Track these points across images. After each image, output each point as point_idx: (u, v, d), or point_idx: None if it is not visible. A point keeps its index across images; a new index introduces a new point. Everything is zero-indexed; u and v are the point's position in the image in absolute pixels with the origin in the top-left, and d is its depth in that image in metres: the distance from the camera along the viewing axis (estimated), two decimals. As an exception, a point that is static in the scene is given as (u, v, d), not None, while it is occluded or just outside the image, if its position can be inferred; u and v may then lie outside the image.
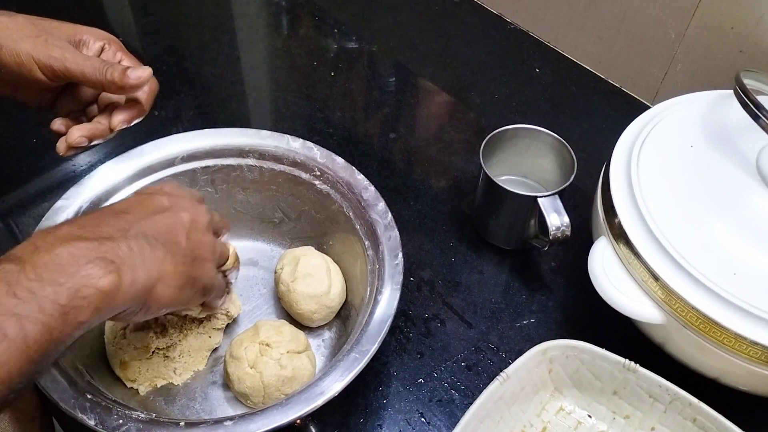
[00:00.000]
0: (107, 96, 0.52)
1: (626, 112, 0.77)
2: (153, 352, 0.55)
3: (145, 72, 0.48)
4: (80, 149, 0.50)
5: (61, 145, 0.50)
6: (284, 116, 0.81)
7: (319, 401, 0.44)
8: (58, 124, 0.51)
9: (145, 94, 0.51)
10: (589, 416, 0.53)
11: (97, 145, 0.51)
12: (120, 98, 0.52)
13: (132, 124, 0.51)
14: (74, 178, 0.72)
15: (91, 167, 0.73)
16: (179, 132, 0.61)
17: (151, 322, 0.56)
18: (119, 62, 0.50)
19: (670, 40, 0.74)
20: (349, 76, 0.85)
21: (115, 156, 0.59)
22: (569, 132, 0.65)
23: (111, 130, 0.50)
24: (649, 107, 0.61)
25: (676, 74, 0.75)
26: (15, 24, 0.47)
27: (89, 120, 0.52)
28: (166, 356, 0.55)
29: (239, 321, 0.59)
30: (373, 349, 0.47)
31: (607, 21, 0.79)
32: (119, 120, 0.50)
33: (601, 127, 0.78)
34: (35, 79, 0.47)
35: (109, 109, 0.51)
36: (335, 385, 0.45)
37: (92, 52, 0.50)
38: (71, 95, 0.52)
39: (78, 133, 0.49)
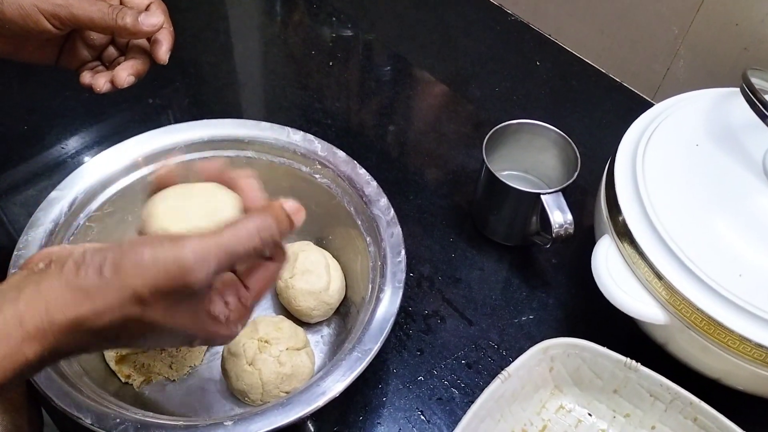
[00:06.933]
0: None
1: (627, 108, 0.77)
2: (149, 345, 0.54)
3: (159, 19, 0.47)
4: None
5: (99, 81, 0.49)
6: (281, 106, 0.79)
7: (321, 401, 0.43)
8: (88, 77, 0.50)
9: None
10: (590, 414, 0.53)
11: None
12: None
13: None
14: (64, 163, 0.71)
15: (78, 153, 0.72)
16: (173, 121, 0.59)
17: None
18: None
19: (673, 36, 0.73)
20: (347, 66, 0.84)
21: (109, 146, 0.57)
22: (569, 126, 0.65)
23: (159, 61, 0.50)
24: (650, 103, 0.61)
25: (678, 70, 0.75)
26: None
27: (107, 67, 0.52)
28: (163, 349, 0.55)
29: (236, 316, 0.58)
30: (376, 348, 0.46)
31: (609, 15, 0.78)
32: (165, 50, 0.49)
33: (601, 122, 0.78)
34: (42, 29, 0.46)
35: (133, 49, 0.50)
36: (337, 385, 0.44)
37: None
38: (75, 48, 0.51)
39: (125, 73, 0.49)
